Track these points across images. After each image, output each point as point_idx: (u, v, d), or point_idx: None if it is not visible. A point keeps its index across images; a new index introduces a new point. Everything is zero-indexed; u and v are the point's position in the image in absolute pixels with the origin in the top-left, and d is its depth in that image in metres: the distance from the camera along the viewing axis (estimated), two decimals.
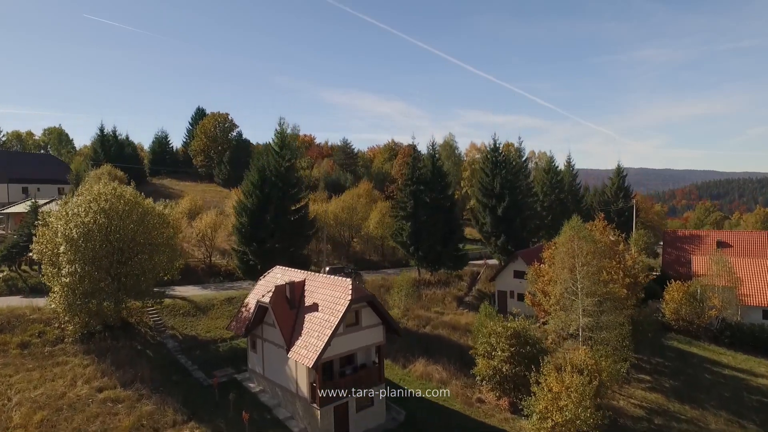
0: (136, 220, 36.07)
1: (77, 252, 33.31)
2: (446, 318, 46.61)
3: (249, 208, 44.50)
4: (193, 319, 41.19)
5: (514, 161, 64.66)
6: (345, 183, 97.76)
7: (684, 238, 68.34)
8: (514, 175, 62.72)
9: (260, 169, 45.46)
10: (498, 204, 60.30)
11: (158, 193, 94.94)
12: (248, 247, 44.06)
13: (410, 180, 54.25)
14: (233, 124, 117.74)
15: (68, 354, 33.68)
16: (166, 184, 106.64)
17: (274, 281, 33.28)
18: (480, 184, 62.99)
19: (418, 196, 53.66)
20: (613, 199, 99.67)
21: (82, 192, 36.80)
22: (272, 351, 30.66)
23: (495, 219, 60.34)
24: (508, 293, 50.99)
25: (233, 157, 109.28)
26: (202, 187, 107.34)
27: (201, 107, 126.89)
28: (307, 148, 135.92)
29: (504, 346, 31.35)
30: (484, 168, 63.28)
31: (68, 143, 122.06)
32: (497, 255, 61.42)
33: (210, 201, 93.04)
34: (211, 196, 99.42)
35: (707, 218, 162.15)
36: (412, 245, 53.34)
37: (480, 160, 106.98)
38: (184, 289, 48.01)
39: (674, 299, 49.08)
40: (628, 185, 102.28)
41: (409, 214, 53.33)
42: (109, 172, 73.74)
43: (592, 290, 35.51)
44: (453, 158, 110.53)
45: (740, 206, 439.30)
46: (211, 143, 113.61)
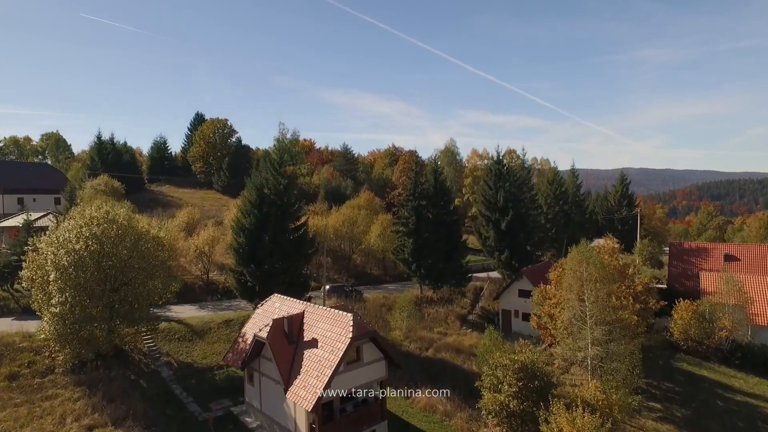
0: (130, 245, 34.73)
1: (68, 280, 32.00)
2: (449, 339, 45.29)
3: (246, 228, 43.16)
4: (189, 344, 39.85)
5: (518, 173, 63.32)
6: (345, 191, 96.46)
7: (691, 250, 66.96)
8: (517, 188, 61.40)
9: (258, 188, 44.10)
10: (501, 218, 58.97)
11: (156, 201, 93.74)
12: (246, 268, 42.73)
13: (412, 195, 52.91)
14: (232, 129, 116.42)
15: (58, 386, 32.36)
16: (165, 192, 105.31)
17: (272, 311, 31.98)
18: (483, 197, 61.63)
19: (421, 212, 52.33)
20: (617, 206, 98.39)
21: (73, 215, 35.42)
22: (270, 386, 29.34)
23: (498, 233, 59.02)
24: (512, 312, 49.67)
25: (232, 164, 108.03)
26: (201, 195, 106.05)
27: (200, 113, 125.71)
28: (307, 153, 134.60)
29: (511, 380, 30.01)
30: (487, 180, 61.93)
31: (66, 149, 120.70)
32: (501, 270, 60.11)
33: (209, 210, 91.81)
34: (210, 204, 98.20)
35: (710, 223, 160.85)
36: (414, 262, 52.03)
37: (482, 168, 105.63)
38: (181, 309, 46.72)
39: (683, 318, 47.71)
40: (631, 193, 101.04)
41: (411, 231, 52.01)
42: (106, 183, 72.46)
43: (601, 317, 34.25)
44: (454, 165, 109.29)
45: (741, 207, 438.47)
46: (210, 149, 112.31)
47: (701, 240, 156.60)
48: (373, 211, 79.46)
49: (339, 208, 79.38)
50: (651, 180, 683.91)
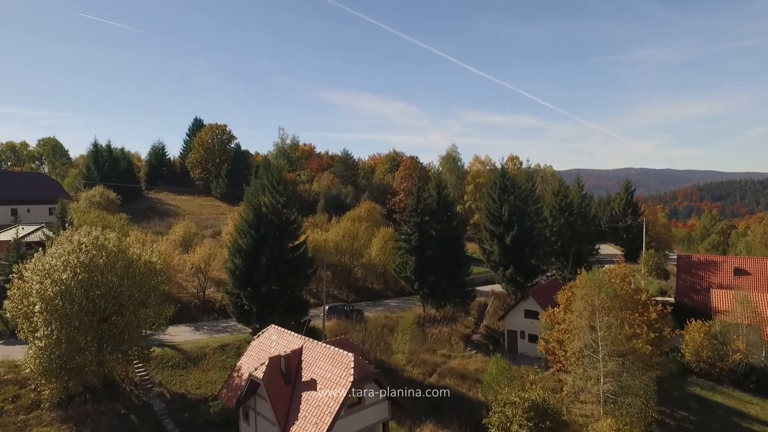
0: (120, 272, 32.98)
1: (54, 312, 30.32)
2: (454, 363, 43.58)
3: (243, 249, 41.44)
4: (183, 372, 38.13)
5: (523, 185, 61.54)
6: (345, 198, 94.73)
7: (699, 264, 65.16)
8: (522, 201, 59.65)
9: (255, 207, 42.35)
10: (506, 232, 57.21)
11: (153, 209, 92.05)
12: (242, 290, 41.03)
13: (415, 211, 51.16)
14: (231, 135, 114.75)
15: (44, 423, 30.67)
16: (163, 199, 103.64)
17: (268, 345, 30.28)
18: (487, 210, 59.89)
19: (424, 229, 50.59)
20: (621, 214, 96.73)
21: (61, 241, 33.67)
22: (266, 428, 27.63)
23: (503, 248, 57.28)
24: (518, 333, 47.95)
25: (231, 170, 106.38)
26: (200, 202, 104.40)
27: (199, 118, 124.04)
28: (307, 158, 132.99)
29: (521, 420, 28.33)
30: (491, 194, 60.18)
31: (62, 155, 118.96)
32: (505, 285, 58.39)
33: (207, 219, 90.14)
34: (209, 213, 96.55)
35: (713, 227, 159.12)
36: (417, 281, 50.32)
37: (484, 175, 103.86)
38: (176, 332, 45.00)
39: (694, 340, 46.04)
40: (636, 200, 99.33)
41: (414, 248, 50.28)
42: (101, 194, 70.77)
43: (614, 348, 32.59)
44: (456, 171, 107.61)
45: (742, 207, 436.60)
46: (209, 156, 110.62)
47: (705, 245, 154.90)
48: (374, 222, 77.80)
49: (339, 220, 77.78)
50: (651, 180, 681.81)
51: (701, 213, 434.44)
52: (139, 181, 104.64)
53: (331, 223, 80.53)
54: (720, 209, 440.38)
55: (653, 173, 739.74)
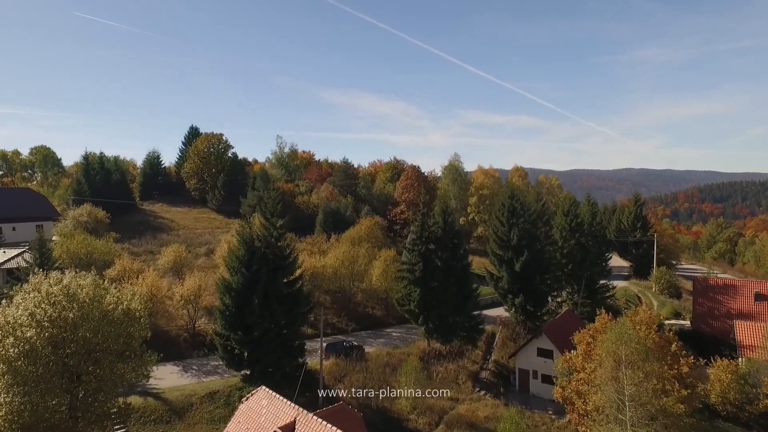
0: (95, 326, 29.41)
1: (16, 375, 26.78)
2: (462, 409, 40.09)
3: (233, 288, 37.91)
4: (167, 427, 34.65)
5: (532, 207, 57.95)
6: (345, 212, 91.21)
7: (717, 287, 61.63)
8: (532, 223, 56.12)
9: (247, 241, 38.75)
10: (515, 258, 53.71)
11: (146, 224, 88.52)
12: (233, 333, 37.50)
13: (419, 239, 47.59)
14: (228, 144, 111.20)
15: None
16: (157, 211, 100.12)
17: (257, 413, 26.75)
18: (494, 234, 56.36)
19: (429, 258, 47.04)
20: (630, 228, 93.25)
21: (26, 290, 30.06)
22: None
23: (512, 275, 53.78)
24: (530, 373, 44.44)
25: (228, 181, 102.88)
26: (195, 214, 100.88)
27: (195, 126, 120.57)
28: (306, 167, 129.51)
29: None
30: (499, 216, 56.63)
31: (55, 164, 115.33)
32: (515, 314, 54.89)
33: (201, 234, 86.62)
34: (204, 227, 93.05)
35: (719, 235, 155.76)
36: (421, 314, 46.78)
37: (489, 186, 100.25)
38: (162, 373, 41.46)
39: (720, 380, 42.58)
40: (645, 214, 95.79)
41: (418, 279, 46.73)
42: (89, 213, 67.20)
43: (643, 411, 29.14)
44: (458, 182, 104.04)
45: (743, 209, 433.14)
46: (205, 166, 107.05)
47: (711, 253, 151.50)
48: (374, 241, 74.40)
49: (339, 239, 74.33)
50: (652, 181, 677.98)
51: (702, 214, 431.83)
52: (132, 192, 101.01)
53: (330, 242, 77.19)
54: (721, 211, 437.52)
55: (653, 173, 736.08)
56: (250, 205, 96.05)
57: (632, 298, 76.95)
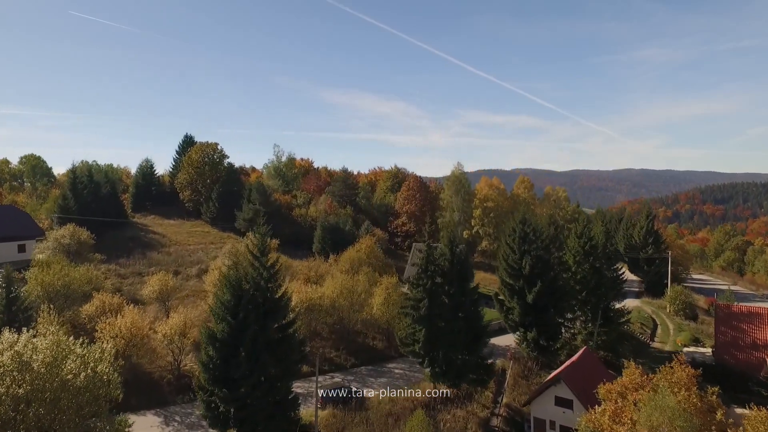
0: (51, 398, 25.18)
1: None
2: None
3: (218, 339, 33.63)
4: None
5: (545, 231, 53.63)
6: (345, 227, 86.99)
7: (741, 315, 57.41)
8: (545, 249, 51.87)
9: (234, 285, 34.38)
10: (528, 288, 49.53)
11: (137, 240, 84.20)
12: (218, 389, 33.22)
13: (424, 272, 43.30)
14: (223, 154, 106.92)
15: None
16: (149, 225, 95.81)
17: None
18: (505, 261, 52.12)
19: (435, 294, 42.78)
20: (642, 244, 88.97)
21: None
22: None
23: (524, 307, 49.59)
24: (547, 423, 40.22)
25: (223, 192, 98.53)
26: (188, 228, 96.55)
27: (189, 134, 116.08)
28: (305, 175, 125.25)
29: None
30: (509, 242, 52.37)
31: (44, 174, 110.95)
32: (527, 350, 50.66)
33: (193, 251, 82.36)
34: (197, 241, 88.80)
35: (727, 243, 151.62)
36: (427, 356, 42.54)
37: (494, 199, 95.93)
38: (140, 425, 37.25)
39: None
40: (657, 229, 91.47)
41: (423, 317, 42.47)
42: (72, 234, 62.87)
43: None
44: (462, 193, 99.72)
45: (745, 211, 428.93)
46: (199, 176, 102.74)
47: (720, 262, 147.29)
48: (375, 259, 70.36)
49: (338, 259, 70.21)
50: (652, 181, 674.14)
51: (704, 216, 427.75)
52: (123, 205, 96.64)
53: (329, 261, 73.06)
54: (722, 212, 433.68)
55: (653, 174, 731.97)
56: (246, 218, 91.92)
57: (646, 320, 72.76)
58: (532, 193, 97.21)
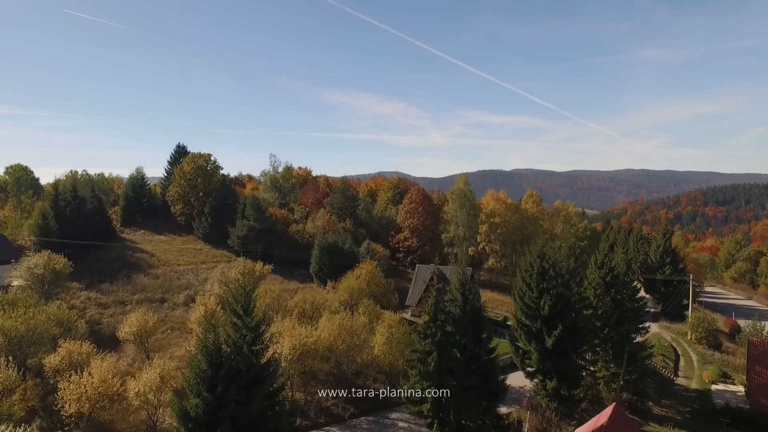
0: None
1: None
2: None
3: (192, 418, 28.17)
4: None
5: (563, 264, 48.01)
6: (343, 245, 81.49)
7: None
8: (565, 285, 46.36)
9: (211, 353, 28.84)
10: (547, 331, 44.11)
11: (123, 261, 78.62)
12: None
13: (433, 321, 37.79)
14: (216, 165, 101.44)
15: None
16: (138, 241, 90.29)
17: None
18: (520, 299, 46.67)
19: (445, 346, 37.30)
20: (659, 264, 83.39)
21: None
22: None
23: (543, 351, 44.19)
24: None
25: (216, 207, 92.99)
26: (179, 245, 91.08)
27: (182, 144, 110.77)
28: (302, 186, 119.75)
29: None
30: (525, 278, 46.91)
31: (29, 186, 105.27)
32: (545, 400, 45.19)
33: (183, 273, 76.85)
34: (188, 260, 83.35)
35: (739, 253, 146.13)
36: (436, 418, 37.06)
37: (501, 214, 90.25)
38: None
39: None
40: (675, 247, 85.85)
41: (432, 374, 36.99)
42: (47, 262, 57.28)
43: None
44: (467, 208, 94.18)
45: (747, 212, 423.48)
46: (191, 189, 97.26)
47: (731, 273, 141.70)
48: (376, 285, 64.98)
49: (336, 286, 64.79)
50: (652, 182, 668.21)
51: (706, 218, 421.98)
52: (111, 221, 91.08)
53: (326, 288, 67.68)
54: (725, 214, 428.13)
55: (654, 174, 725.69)
56: (239, 236, 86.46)
57: (667, 350, 67.34)
58: (540, 208, 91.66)
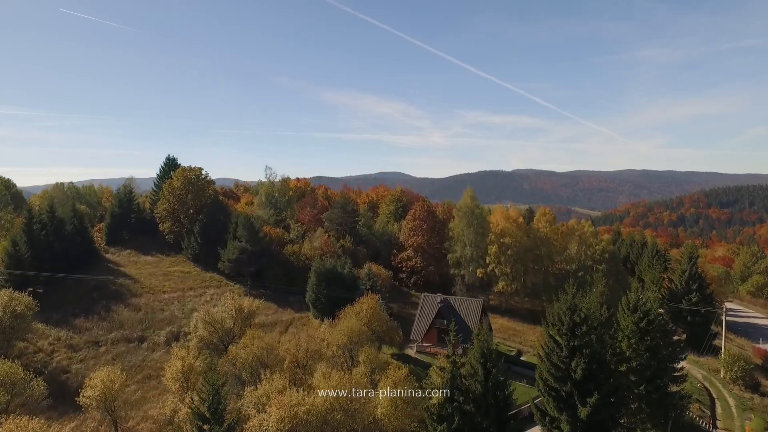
0: None
1: None
2: None
3: None
4: None
5: (593, 311, 40.87)
6: (343, 270, 74.39)
7: None
8: (599, 341, 39.32)
9: None
10: (579, 396, 37.10)
11: (101, 291, 71.46)
12: None
13: (449, 403, 30.81)
14: (207, 181, 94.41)
15: None
16: (122, 263, 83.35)
17: None
18: (548, 359, 39.61)
19: (466, 427, 30.29)
20: (684, 291, 76.09)
21: None
22: None
23: (575, 422, 37.10)
24: None
25: (207, 225, 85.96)
26: (166, 267, 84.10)
27: (172, 156, 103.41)
28: (300, 198, 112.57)
29: None
30: (553, 336, 39.85)
31: (8, 203, 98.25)
32: None
33: (168, 302, 69.73)
34: (173, 287, 76.35)
35: (755, 266, 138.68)
36: None
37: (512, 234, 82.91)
38: None
39: None
40: (701, 272, 78.44)
41: None
42: (6, 305, 50.25)
43: None
44: (475, 225, 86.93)
45: (751, 215, 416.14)
46: (180, 206, 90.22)
47: (747, 287, 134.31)
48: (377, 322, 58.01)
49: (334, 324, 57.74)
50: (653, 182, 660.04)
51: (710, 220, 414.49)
52: (94, 241, 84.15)
53: (323, 324, 60.68)
54: (728, 216, 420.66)
55: (655, 175, 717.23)
56: (230, 259, 79.52)
57: (700, 393, 60.18)
58: (554, 227, 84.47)
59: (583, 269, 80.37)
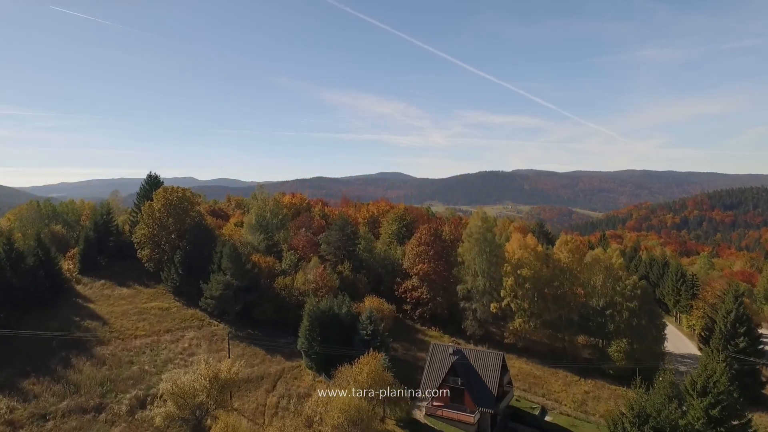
0: None
1: None
2: None
3: None
4: None
5: (664, 418, 30.99)
6: (340, 310, 64.39)
7: None
8: None
9: None
10: None
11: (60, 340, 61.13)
12: None
13: None
14: (191, 202, 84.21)
15: None
16: (94, 297, 73.32)
17: None
18: None
19: None
20: (730, 334, 66.00)
21: None
22: None
23: None
24: None
25: (189, 253, 75.85)
26: (144, 301, 74.13)
27: (154, 174, 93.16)
28: (295, 217, 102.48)
29: None
30: None
31: None
32: None
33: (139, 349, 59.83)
34: (149, 328, 66.39)
35: None
36: None
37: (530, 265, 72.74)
38: None
39: None
40: (749, 314, 68.16)
41: None
42: None
43: None
44: (488, 253, 76.78)
45: (756, 217, 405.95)
46: (161, 231, 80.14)
47: None
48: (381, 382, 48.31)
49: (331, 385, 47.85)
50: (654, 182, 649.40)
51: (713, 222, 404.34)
52: (61, 274, 74.05)
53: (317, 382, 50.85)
54: (732, 219, 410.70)
55: (655, 175, 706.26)
56: (213, 296, 69.52)
57: None
58: (577, 257, 74.37)
59: (610, 306, 70.36)
